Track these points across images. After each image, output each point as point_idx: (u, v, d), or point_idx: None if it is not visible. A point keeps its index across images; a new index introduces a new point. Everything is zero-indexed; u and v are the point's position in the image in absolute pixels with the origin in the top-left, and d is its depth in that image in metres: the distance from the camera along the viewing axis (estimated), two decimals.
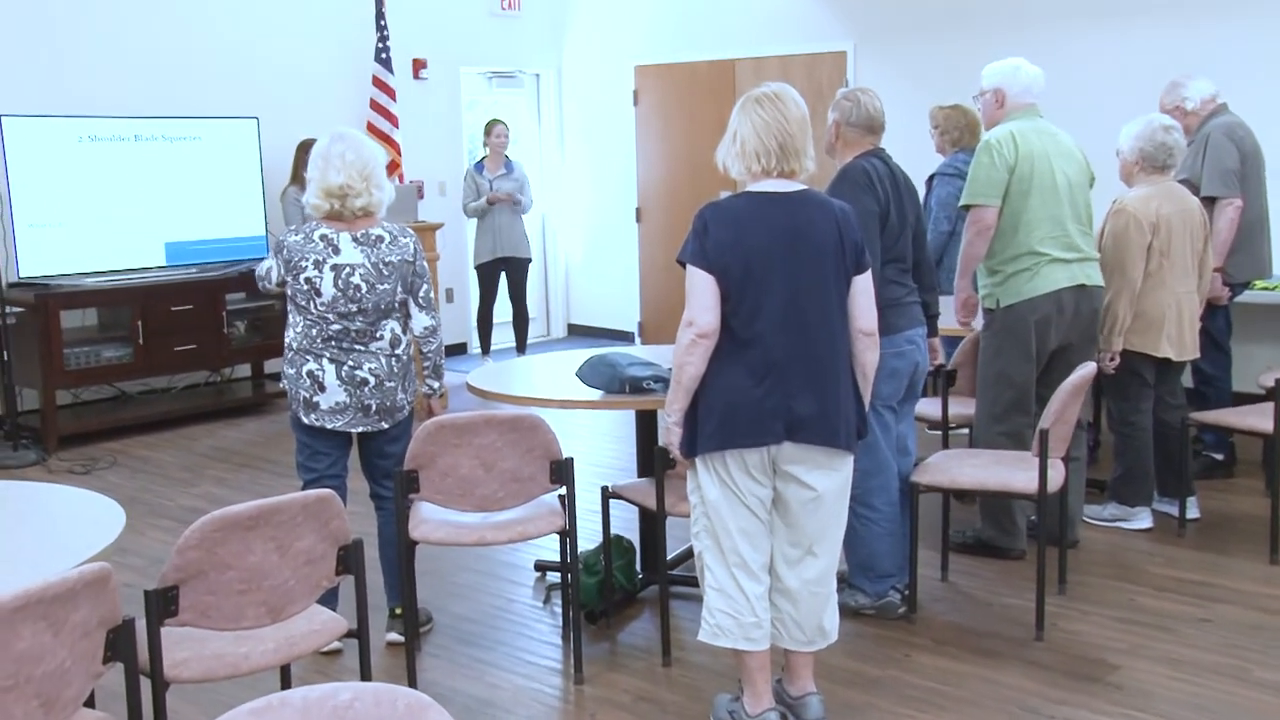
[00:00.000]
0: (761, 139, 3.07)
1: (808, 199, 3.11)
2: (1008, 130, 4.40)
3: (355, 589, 3.00)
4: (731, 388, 3.02)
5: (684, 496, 3.54)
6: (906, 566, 4.08)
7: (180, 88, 7.60)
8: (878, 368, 3.71)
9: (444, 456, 3.58)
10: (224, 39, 7.85)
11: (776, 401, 3.01)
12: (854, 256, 3.11)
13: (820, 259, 3.06)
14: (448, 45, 9.17)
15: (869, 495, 3.93)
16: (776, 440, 3.03)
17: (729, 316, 3.03)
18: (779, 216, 3.06)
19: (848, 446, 3.11)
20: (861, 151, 3.94)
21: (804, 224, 3.06)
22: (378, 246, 3.74)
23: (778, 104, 3.08)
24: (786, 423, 3.02)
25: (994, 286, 4.46)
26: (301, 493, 2.85)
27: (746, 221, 3.05)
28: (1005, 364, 4.44)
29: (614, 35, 9.66)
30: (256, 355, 7.76)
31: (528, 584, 4.57)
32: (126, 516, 2.85)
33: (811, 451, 3.06)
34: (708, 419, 3.06)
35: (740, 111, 3.12)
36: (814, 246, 3.05)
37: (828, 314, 3.07)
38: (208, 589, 2.68)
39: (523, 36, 9.74)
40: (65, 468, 6.27)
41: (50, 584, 2.18)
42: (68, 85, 7.12)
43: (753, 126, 3.08)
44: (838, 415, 3.06)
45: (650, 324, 9.75)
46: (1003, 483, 3.98)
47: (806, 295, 3.04)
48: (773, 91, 3.10)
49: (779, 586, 3.19)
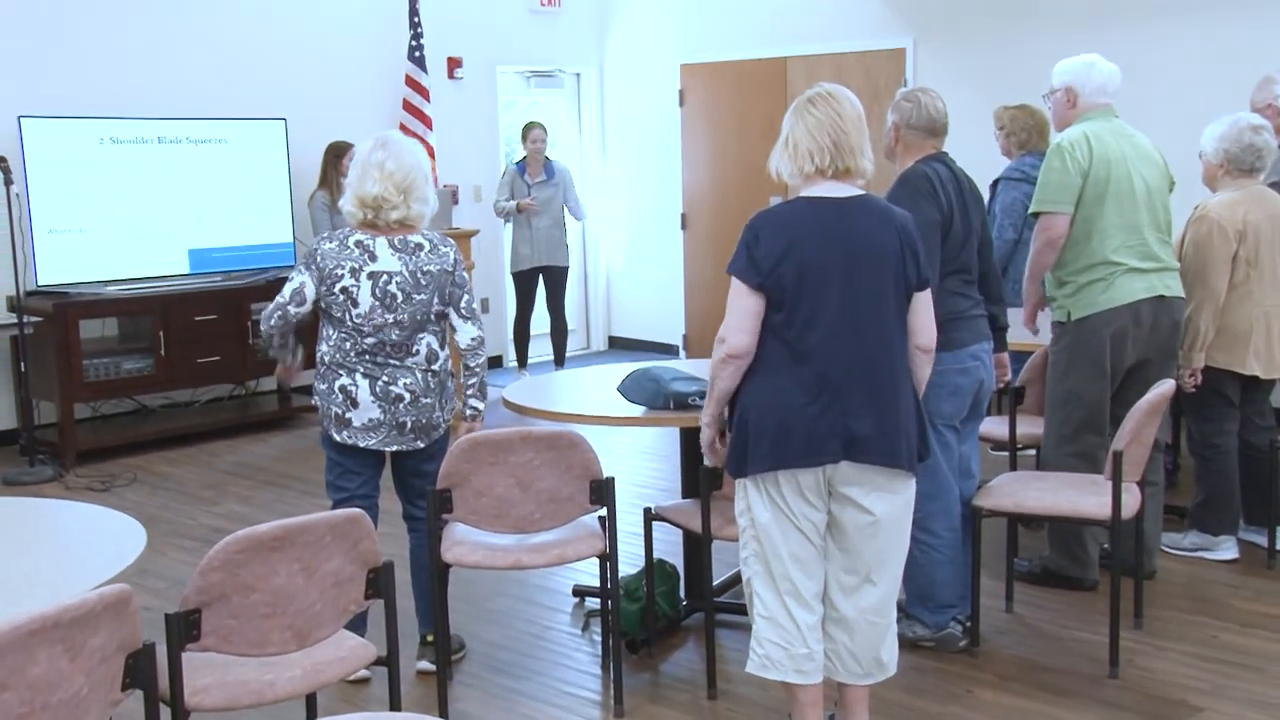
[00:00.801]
0: (815, 137, 3.08)
1: (867, 204, 3.11)
2: (1081, 132, 4.37)
3: (385, 614, 3.00)
4: (784, 405, 3.02)
5: (731, 519, 3.53)
6: (968, 596, 4.05)
7: (205, 88, 7.70)
8: (939, 385, 3.73)
9: (479, 475, 3.59)
10: (251, 37, 7.95)
11: (833, 419, 3.00)
12: (915, 271, 3.11)
13: (879, 268, 3.05)
14: (484, 43, 9.24)
15: (929, 520, 3.89)
16: (833, 460, 3.02)
17: (781, 328, 3.03)
18: (835, 222, 3.06)
19: (909, 467, 3.09)
20: (923, 155, 3.92)
21: (863, 230, 3.06)
22: (416, 254, 3.75)
23: (831, 101, 3.10)
24: (843, 441, 3.01)
25: (1065, 298, 4.42)
26: (330, 512, 2.86)
27: (800, 228, 3.05)
28: (1077, 381, 4.40)
29: (659, 32, 9.68)
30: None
31: (566, 610, 4.57)
32: (147, 536, 2.87)
33: (870, 473, 3.05)
34: (759, 437, 3.05)
35: (793, 114, 3.15)
36: (873, 255, 3.05)
37: (886, 326, 3.06)
38: (231, 613, 2.69)
39: (563, 34, 9.79)
40: (83, 484, 6.35)
41: (67, 607, 2.20)
42: (88, 85, 7.23)
43: (805, 127, 3.10)
44: (898, 434, 3.05)
45: (695, 337, 9.74)
46: (1073, 508, 3.94)
47: (864, 306, 3.03)
48: (825, 91, 3.13)
49: (834, 616, 3.18)
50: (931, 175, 3.84)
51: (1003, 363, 4.18)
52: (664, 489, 5.94)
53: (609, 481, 3.65)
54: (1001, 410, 4.97)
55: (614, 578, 3.72)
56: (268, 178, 7.67)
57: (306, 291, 3.75)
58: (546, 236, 8.49)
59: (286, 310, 3.77)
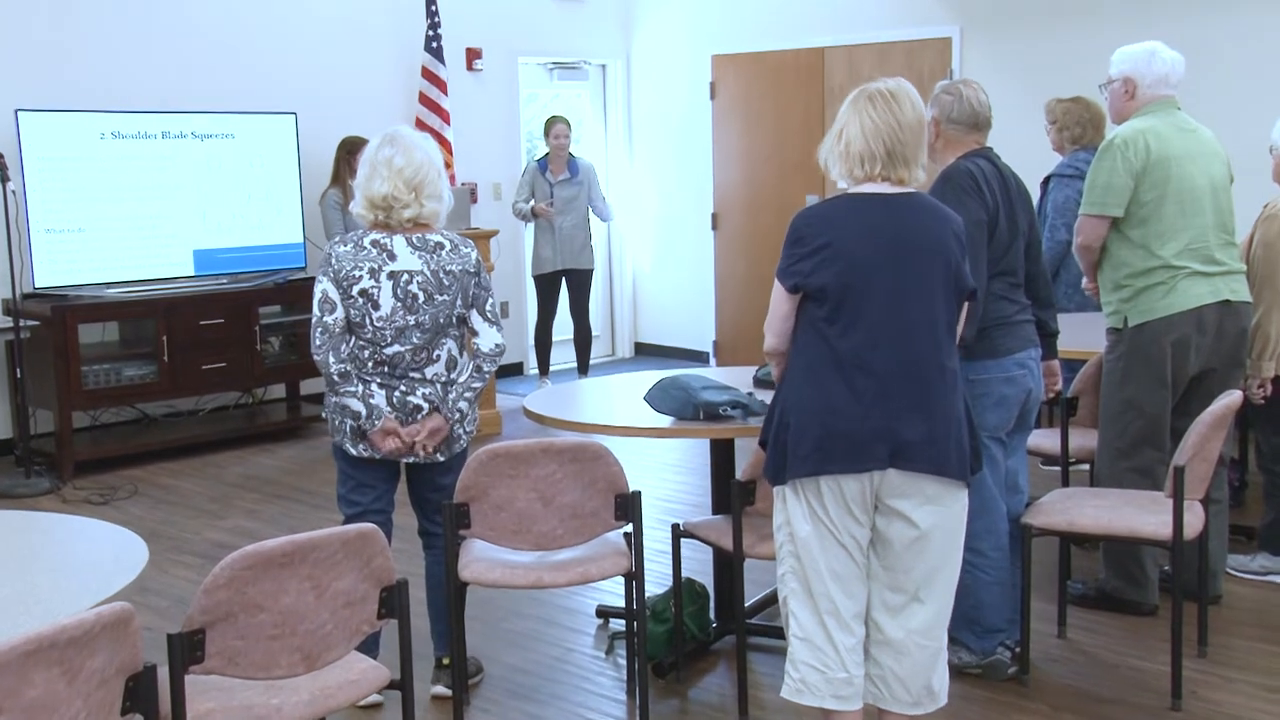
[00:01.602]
0: (869, 142, 3.09)
1: (916, 201, 3.14)
2: (1137, 129, 4.34)
3: (399, 635, 3.01)
4: (828, 407, 3.03)
5: (765, 536, 3.52)
6: (1017, 620, 4.03)
7: (212, 80, 7.74)
8: (984, 394, 3.74)
9: (498, 489, 3.59)
10: (260, 26, 7.99)
11: (878, 422, 3.01)
12: (967, 276, 3.15)
13: (929, 267, 3.07)
14: (505, 33, 9.26)
15: (974, 539, 3.85)
16: (880, 465, 3.02)
17: (824, 327, 3.05)
18: (882, 218, 3.08)
19: (960, 476, 3.09)
20: (965, 151, 3.92)
21: (912, 227, 3.08)
22: (437, 253, 3.75)
23: (891, 105, 3.10)
24: (890, 447, 3.01)
25: (1121, 303, 4.39)
26: (341, 527, 2.87)
27: (844, 224, 3.08)
28: (1135, 390, 4.37)
29: (689, 21, 9.69)
30: (293, 375, 7.84)
31: (589, 632, 4.56)
32: (149, 552, 2.88)
33: (919, 481, 3.05)
34: (800, 441, 3.05)
35: (850, 107, 3.16)
36: (923, 252, 3.07)
37: (936, 327, 3.07)
38: (237, 633, 2.70)
39: (588, 23, 9.82)
40: (82, 497, 6.39)
41: (65, 626, 2.20)
42: (89, 77, 7.28)
43: (860, 127, 3.11)
44: (948, 440, 3.05)
45: (727, 343, 9.73)
46: (1130, 527, 3.91)
47: (913, 306, 3.05)
48: (888, 89, 3.13)
49: (879, 638, 3.16)
50: (976, 172, 3.83)
51: (1053, 371, 4.16)
52: (693, 504, 5.94)
53: (635, 496, 3.65)
54: (1052, 422, 4.95)
55: (640, 597, 3.71)
56: (277, 175, 7.71)
57: (333, 295, 3.70)
58: (570, 238, 8.49)
59: (324, 323, 3.69)
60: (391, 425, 3.72)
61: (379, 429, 3.72)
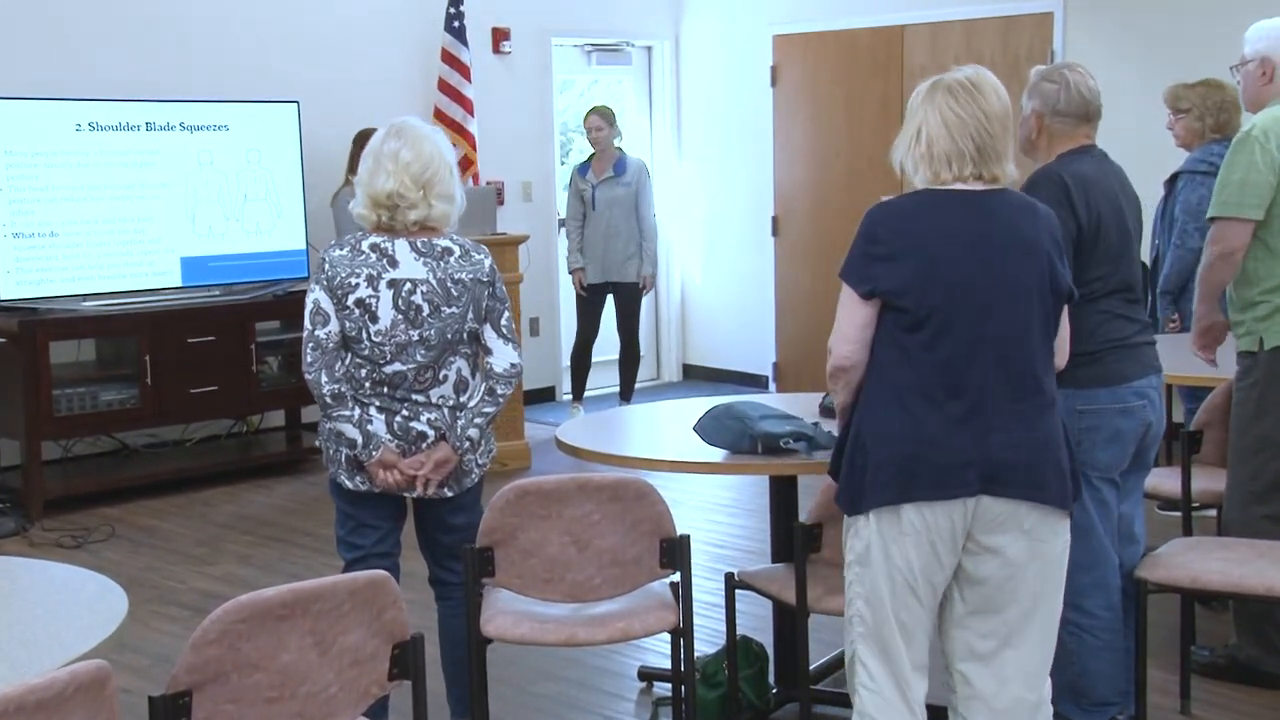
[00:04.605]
0: (955, 139, 3.12)
1: (1007, 198, 3.18)
2: (1278, 118, 4.30)
3: (412, 698, 3.01)
4: (909, 427, 3.05)
5: (833, 589, 3.50)
6: (1131, 692, 4.01)
7: (203, 64, 7.80)
8: (1094, 428, 3.74)
9: (527, 531, 3.60)
10: (257, 3, 8.06)
11: (967, 443, 3.03)
12: (1066, 275, 3.17)
13: (1023, 269, 3.10)
14: (536, 11, 9.32)
15: (1080, 596, 3.84)
16: (970, 492, 3.03)
17: (905, 337, 3.08)
18: (968, 216, 3.12)
19: (1061, 504, 3.11)
20: (1073, 147, 3.92)
21: (1002, 224, 3.12)
22: (445, 260, 3.78)
23: (975, 95, 3.13)
24: (982, 471, 3.03)
25: (1255, 322, 4.36)
26: (349, 575, 2.88)
27: (927, 222, 3.11)
28: (1272, 424, 4.33)
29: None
30: (293, 401, 7.87)
31: (630, 697, 4.56)
32: (128, 602, 2.89)
33: (1016, 509, 3.07)
34: (879, 466, 3.07)
35: (925, 102, 3.17)
36: (1015, 252, 3.11)
37: (1031, 336, 3.11)
38: (229, 695, 2.70)
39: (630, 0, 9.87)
40: (52, 540, 6.43)
41: (33, 686, 2.21)
42: (64, 61, 7.33)
43: (943, 122, 3.13)
44: (1046, 463, 3.07)
45: (788, 365, 9.72)
46: (1267, 584, 3.88)
47: (1005, 312, 3.08)
48: (967, 79, 3.16)
49: (967, 693, 3.18)
50: (1068, 179, 3.82)
51: None
52: (750, 550, 5.94)
53: (683, 540, 3.65)
54: (1171, 460, 4.89)
55: (689, 658, 3.71)
56: (277, 172, 7.77)
57: (326, 306, 3.73)
58: (620, 244, 8.47)
59: (316, 337, 3.72)
60: (390, 458, 3.72)
61: (376, 459, 3.73)
